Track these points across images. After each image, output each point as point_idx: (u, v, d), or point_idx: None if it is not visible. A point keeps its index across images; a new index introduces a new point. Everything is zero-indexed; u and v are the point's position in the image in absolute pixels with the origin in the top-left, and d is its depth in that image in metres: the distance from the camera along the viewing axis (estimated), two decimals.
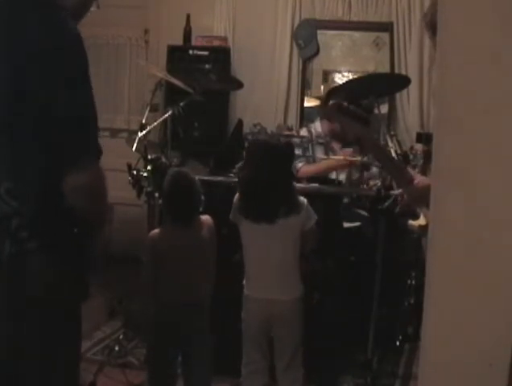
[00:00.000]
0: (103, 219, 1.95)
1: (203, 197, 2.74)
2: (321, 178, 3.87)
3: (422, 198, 2.32)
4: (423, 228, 2.40)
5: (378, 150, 2.58)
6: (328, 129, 4.13)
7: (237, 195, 2.80)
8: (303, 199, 2.74)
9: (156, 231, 2.79)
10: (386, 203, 3.23)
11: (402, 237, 3.86)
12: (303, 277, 2.76)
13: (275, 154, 2.70)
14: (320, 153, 4.17)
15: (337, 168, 4.00)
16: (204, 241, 2.71)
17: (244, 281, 2.78)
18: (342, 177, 4.06)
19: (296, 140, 4.14)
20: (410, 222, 3.73)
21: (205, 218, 2.74)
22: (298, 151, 4.13)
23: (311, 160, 4.12)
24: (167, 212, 2.79)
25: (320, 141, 4.20)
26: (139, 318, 3.62)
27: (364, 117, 2.57)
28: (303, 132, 4.24)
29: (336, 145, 4.21)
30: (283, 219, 2.65)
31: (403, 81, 3.89)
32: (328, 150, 4.19)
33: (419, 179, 2.25)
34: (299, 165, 4.05)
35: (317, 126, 4.26)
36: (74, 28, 1.75)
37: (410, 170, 2.71)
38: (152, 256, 2.68)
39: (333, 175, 4.09)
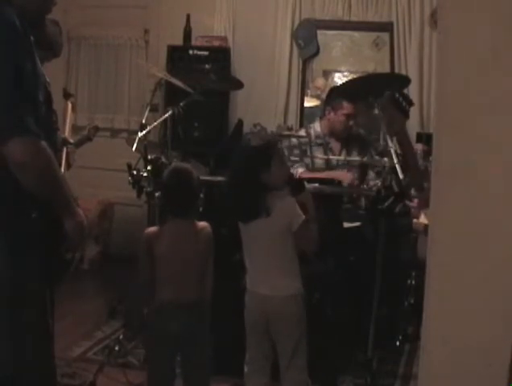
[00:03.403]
0: (57, 199, 1.97)
1: (202, 194, 2.72)
2: (321, 178, 3.87)
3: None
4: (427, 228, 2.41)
5: (409, 148, 2.57)
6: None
7: None
8: (287, 199, 2.67)
9: (152, 229, 2.79)
10: (386, 203, 3.23)
11: (402, 237, 3.87)
12: (304, 278, 2.75)
13: (248, 156, 2.70)
14: (319, 153, 4.17)
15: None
16: (202, 243, 2.71)
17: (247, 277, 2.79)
18: None
19: (295, 141, 4.15)
20: (415, 221, 3.75)
21: (204, 224, 2.74)
22: (297, 152, 4.13)
23: (310, 164, 4.12)
24: (164, 206, 2.78)
25: (319, 142, 4.20)
26: (137, 318, 3.63)
27: (406, 111, 2.58)
28: (302, 132, 4.24)
29: (335, 146, 4.22)
30: (261, 219, 2.64)
31: (403, 81, 3.89)
32: (327, 151, 4.19)
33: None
34: (300, 170, 4.04)
35: (316, 126, 4.26)
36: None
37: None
38: (149, 254, 2.67)
39: None
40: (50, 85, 2.07)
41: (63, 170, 2.50)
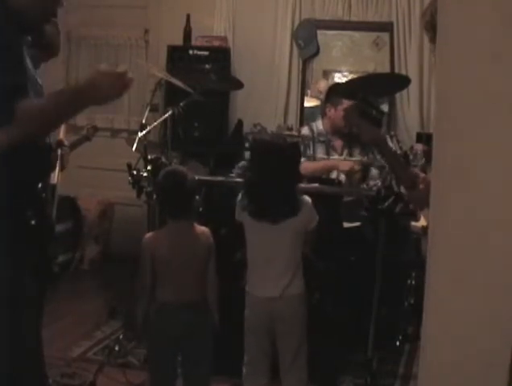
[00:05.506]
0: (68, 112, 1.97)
1: (200, 195, 2.73)
2: (321, 178, 3.88)
3: (424, 200, 2.34)
4: (426, 229, 2.42)
5: (392, 156, 2.59)
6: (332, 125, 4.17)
7: (241, 194, 2.80)
8: (307, 199, 2.75)
9: (152, 233, 2.80)
10: (386, 203, 3.22)
11: (402, 237, 3.86)
12: (304, 278, 2.76)
13: (282, 155, 2.71)
14: (321, 151, 4.19)
15: (336, 169, 4.01)
16: (202, 245, 2.71)
17: (247, 278, 2.78)
18: (342, 176, 4.06)
19: (296, 135, 4.17)
20: (413, 223, 3.74)
21: (203, 229, 2.75)
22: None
23: (312, 158, 4.13)
24: (162, 208, 2.80)
25: (322, 139, 4.21)
26: (135, 319, 3.63)
27: (378, 120, 2.59)
28: (305, 130, 4.26)
29: (337, 144, 4.23)
30: (287, 219, 2.67)
31: (403, 81, 3.89)
32: (328, 149, 4.21)
33: (424, 182, 2.27)
34: (301, 160, 4.07)
35: (318, 124, 4.27)
36: None
37: (419, 172, 2.72)
38: (150, 258, 2.68)
39: (333, 175, 4.10)
40: (42, 87, 2.06)
41: (57, 171, 2.49)
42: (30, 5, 1.91)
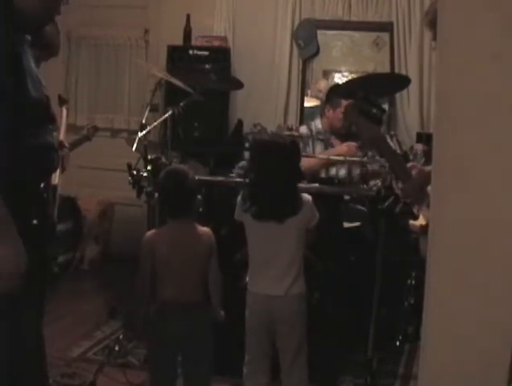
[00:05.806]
0: None
1: (200, 195, 2.73)
2: (321, 178, 3.88)
3: (418, 192, 2.34)
4: (424, 228, 2.41)
5: (391, 155, 2.59)
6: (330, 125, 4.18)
7: (241, 193, 2.80)
8: (307, 197, 2.76)
9: (152, 231, 2.79)
10: (386, 203, 3.22)
11: (402, 237, 3.86)
12: (304, 277, 2.77)
13: (282, 155, 2.71)
14: (320, 149, 4.20)
15: (332, 163, 4.02)
16: (203, 244, 2.71)
17: (247, 278, 2.79)
18: (342, 172, 4.06)
19: (296, 135, 4.18)
20: (411, 222, 3.74)
21: (205, 229, 2.75)
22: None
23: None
24: (162, 207, 2.81)
25: (320, 137, 4.23)
26: (135, 319, 3.63)
27: (378, 118, 2.59)
28: (303, 129, 4.28)
29: (335, 142, 4.23)
30: (290, 217, 2.68)
31: (403, 81, 3.89)
32: (327, 146, 4.23)
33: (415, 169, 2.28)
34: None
35: (317, 123, 4.29)
36: None
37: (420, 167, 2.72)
38: (150, 257, 2.68)
39: (333, 171, 4.10)
40: (46, 88, 2.05)
41: (57, 172, 2.47)
42: (33, 4, 1.91)
